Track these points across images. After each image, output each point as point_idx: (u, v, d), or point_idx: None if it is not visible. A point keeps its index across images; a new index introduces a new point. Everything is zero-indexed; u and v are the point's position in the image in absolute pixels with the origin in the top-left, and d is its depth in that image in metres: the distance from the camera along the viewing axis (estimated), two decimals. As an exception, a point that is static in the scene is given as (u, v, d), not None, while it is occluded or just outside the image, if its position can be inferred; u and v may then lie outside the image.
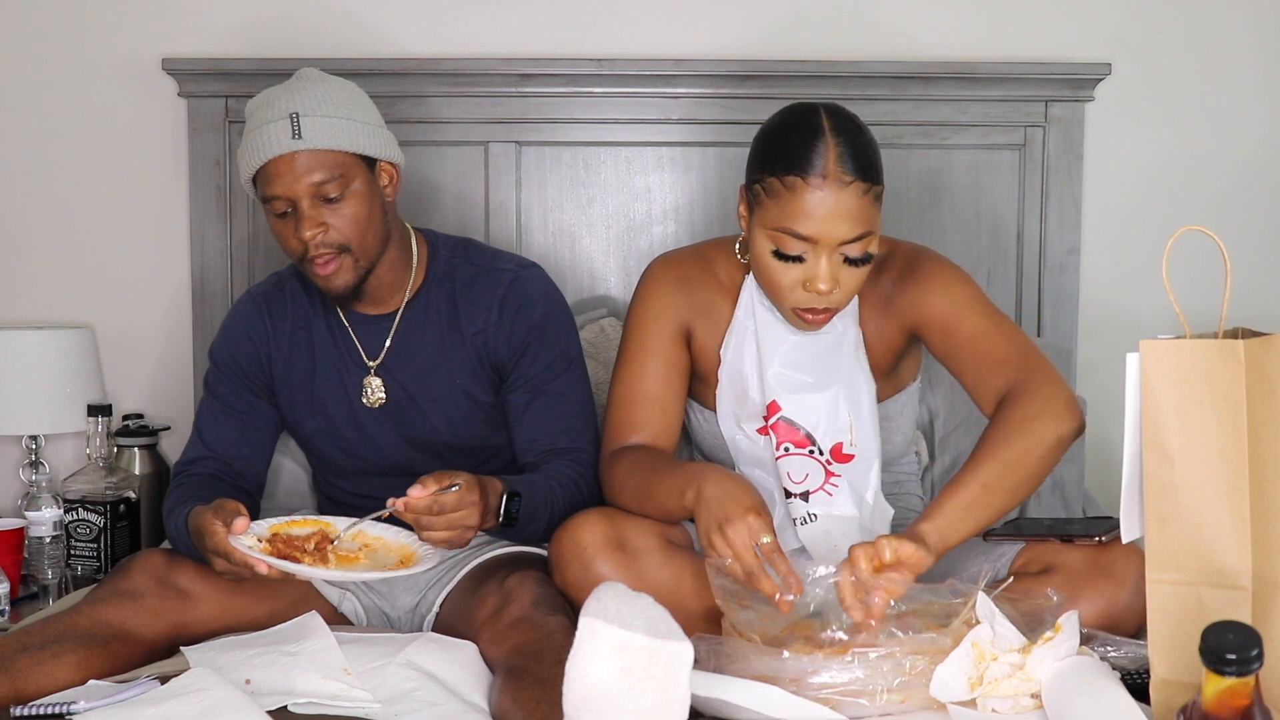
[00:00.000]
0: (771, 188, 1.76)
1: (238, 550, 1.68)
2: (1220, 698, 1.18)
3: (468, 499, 1.71)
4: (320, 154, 1.86)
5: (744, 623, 1.61)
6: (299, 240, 1.88)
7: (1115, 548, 1.71)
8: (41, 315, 2.68)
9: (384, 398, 2.00)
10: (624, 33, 2.67)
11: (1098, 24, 2.69)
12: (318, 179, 1.86)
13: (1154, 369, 1.42)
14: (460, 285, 2.01)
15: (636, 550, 1.77)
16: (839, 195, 1.72)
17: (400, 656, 1.66)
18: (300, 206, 1.87)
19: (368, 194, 1.91)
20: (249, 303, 2.07)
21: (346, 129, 1.89)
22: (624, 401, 1.93)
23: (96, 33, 2.66)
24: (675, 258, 2.01)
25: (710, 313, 1.95)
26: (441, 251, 2.04)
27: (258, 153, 1.87)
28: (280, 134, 1.85)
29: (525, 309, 1.99)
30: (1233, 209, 2.71)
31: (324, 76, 1.95)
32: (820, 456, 1.86)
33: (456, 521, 1.70)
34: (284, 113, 1.86)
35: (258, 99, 1.93)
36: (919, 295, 1.88)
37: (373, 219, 1.92)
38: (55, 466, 2.62)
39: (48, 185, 2.69)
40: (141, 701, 1.51)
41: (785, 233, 1.75)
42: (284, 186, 1.86)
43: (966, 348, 1.84)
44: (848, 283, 1.78)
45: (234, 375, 2.03)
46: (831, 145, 1.73)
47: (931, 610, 1.61)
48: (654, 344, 1.93)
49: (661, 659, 1.30)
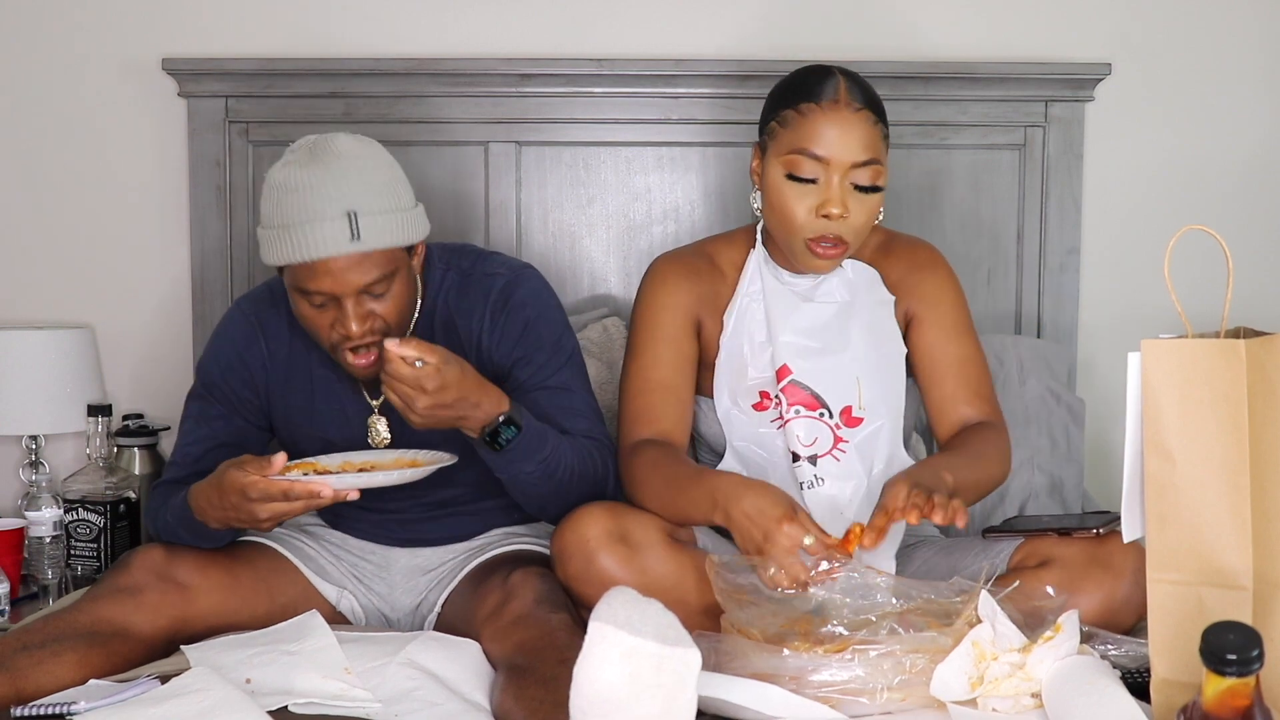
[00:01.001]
0: (786, 118, 1.88)
1: (298, 483, 1.66)
2: (1220, 698, 1.18)
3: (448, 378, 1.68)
4: (376, 254, 1.75)
5: (744, 620, 1.61)
6: (340, 334, 1.78)
7: (1113, 540, 1.72)
8: (41, 315, 2.68)
9: (389, 438, 1.93)
10: (624, 33, 2.67)
11: (1098, 24, 2.69)
12: (371, 279, 1.75)
13: (1155, 368, 1.42)
14: (452, 295, 1.95)
15: (639, 544, 1.77)
16: (850, 119, 1.84)
17: (401, 655, 1.66)
18: (345, 303, 1.76)
19: (408, 278, 1.83)
20: (241, 320, 1.98)
21: (401, 224, 1.79)
22: (639, 391, 1.94)
23: (96, 33, 2.66)
24: (677, 253, 2.06)
25: (715, 302, 1.99)
26: (436, 268, 1.96)
27: (307, 249, 1.72)
28: (338, 236, 1.72)
29: (516, 312, 1.93)
30: (1233, 209, 2.71)
31: (359, 153, 1.80)
32: (829, 420, 1.89)
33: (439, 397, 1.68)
34: (339, 210, 1.72)
35: (293, 178, 1.75)
36: (925, 292, 1.98)
37: (411, 299, 1.85)
38: (55, 466, 2.62)
39: (48, 185, 2.69)
40: (141, 701, 1.51)
41: (800, 153, 1.85)
42: (332, 285, 1.74)
43: (953, 368, 1.95)
44: (858, 212, 1.85)
45: (225, 399, 1.96)
46: (841, 79, 1.88)
47: (933, 609, 1.61)
48: (665, 333, 1.96)
49: (670, 666, 1.30)
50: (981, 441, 1.88)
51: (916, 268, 2.00)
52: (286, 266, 1.78)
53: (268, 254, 1.79)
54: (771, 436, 1.92)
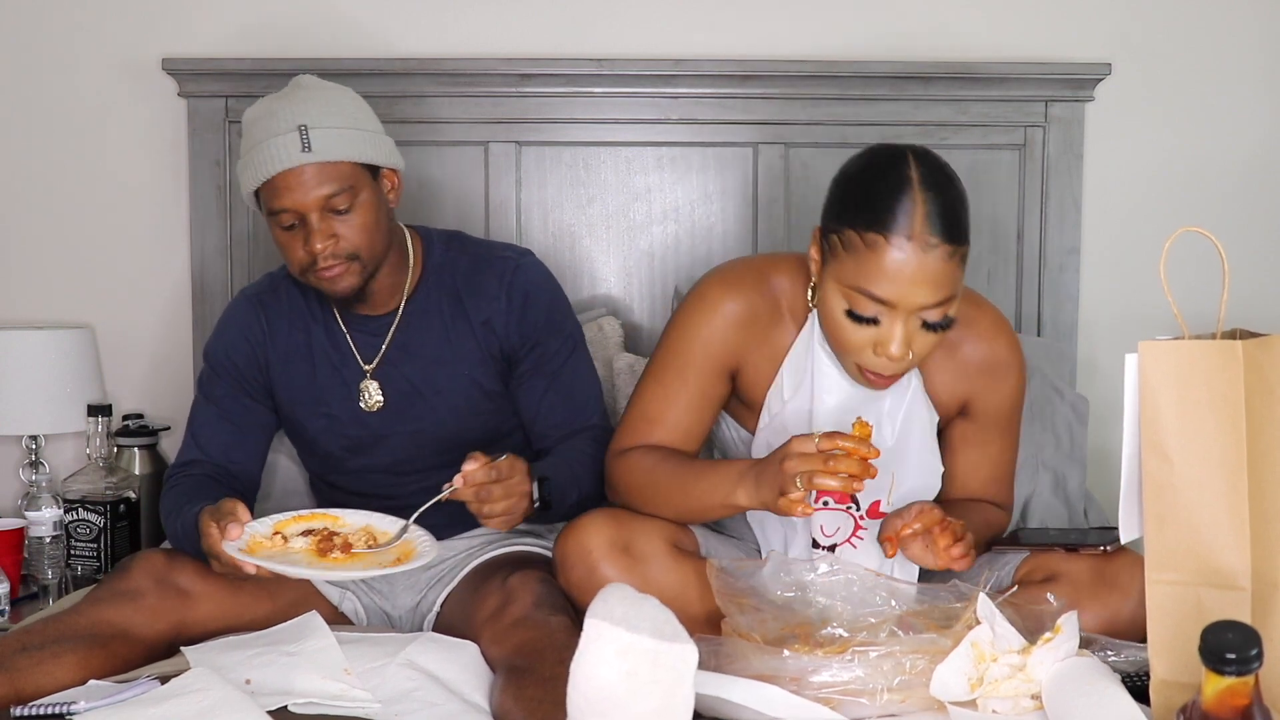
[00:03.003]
0: (850, 241, 1.64)
1: (225, 553, 1.70)
2: (1220, 697, 1.18)
3: (518, 465, 1.73)
4: (330, 166, 1.84)
5: (745, 625, 1.61)
6: (308, 252, 1.86)
7: (1120, 558, 1.71)
8: (41, 315, 2.68)
9: (381, 401, 1.99)
10: (624, 33, 2.67)
11: (1098, 24, 2.69)
12: (328, 191, 1.84)
13: (1153, 369, 1.42)
14: (461, 276, 2.01)
15: (642, 554, 1.76)
16: (923, 259, 1.59)
17: (400, 656, 1.66)
18: (309, 219, 1.85)
19: (375, 203, 1.90)
20: (245, 303, 2.06)
21: (355, 139, 1.87)
22: (646, 418, 1.86)
23: (96, 33, 2.66)
24: (736, 281, 1.83)
25: (767, 345, 1.82)
26: (436, 245, 2.04)
27: (264, 166, 1.84)
28: (289, 147, 1.83)
29: (533, 296, 2.00)
30: (1232, 209, 2.71)
31: (323, 84, 1.93)
32: (856, 513, 1.82)
33: (514, 488, 1.72)
34: (291, 125, 1.83)
35: (258, 109, 1.90)
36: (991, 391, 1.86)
37: (379, 226, 1.91)
38: (55, 466, 2.62)
39: (48, 185, 2.69)
40: (141, 701, 1.51)
41: (861, 293, 1.63)
42: (293, 200, 1.84)
43: (987, 461, 1.89)
44: (921, 349, 1.67)
45: (230, 378, 2.02)
46: (920, 202, 1.60)
47: (933, 613, 1.61)
48: (693, 375, 1.82)
49: (666, 662, 1.30)
50: (987, 518, 1.86)
51: (989, 370, 1.84)
52: (260, 194, 1.88)
53: (242, 186, 1.89)
54: None
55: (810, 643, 1.56)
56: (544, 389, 2.01)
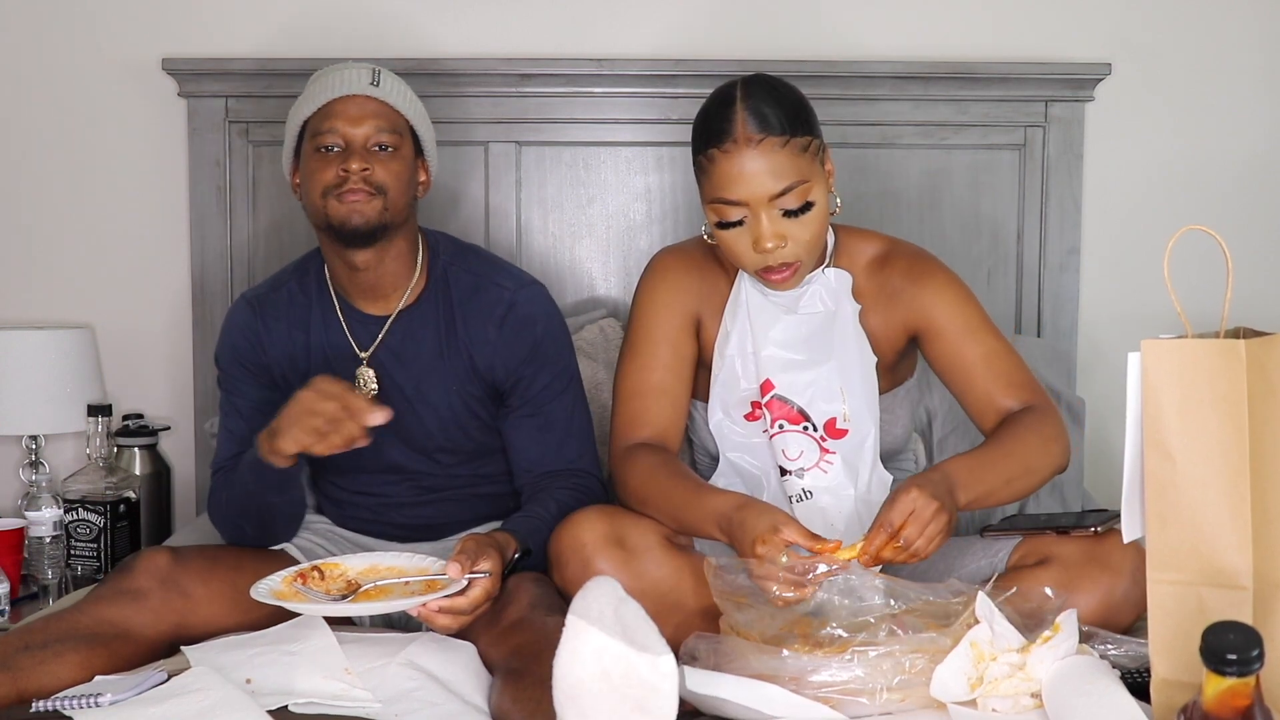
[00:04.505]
0: (701, 165, 1.83)
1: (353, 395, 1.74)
2: (1221, 698, 1.18)
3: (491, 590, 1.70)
4: (390, 110, 1.94)
5: (742, 623, 1.61)
6: (340, 172, 1.90)
7: (1111, 538, 1.71)
8: (41, 315, 2.68)
9: (375, 389, 1.99)
10: (624, 33, 2.67)
11: (1098, 24, 2.69)
12: (379, 126, 1.92)
13: (1155, 368, 1.42)
14: (458, 295, 2.00)
15: (636, 548, 1.77)
16: (751, 154, 1.77)
17: (401, 656, 1.66)
18: (354, 146, 1.91)
19: (410, 167, 1.97)
20: (243, 306, 2.06)
21: (418, 107, 2.00)
22: (633, 394, 1.92)
23: (96, 33, 2.66)
24: (681, 247, 2.03)
25: (717, 300, 1.95)
26: (442, 256, 2.03)
27: (330, 90, 1.92)
28: (360, 78, 1.93)
29: (525, 328, 1.98)
30: (1233, 209, 2.72)
31: None
32: (814, 433, 1.88)
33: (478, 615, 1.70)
34: (365, 67, 1.96)
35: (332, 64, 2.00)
36: (929, 302, 1.91)
37: (410, 186, 1.97)
38: (55, 466, 2.62)
39: (48, 185, 2.69)
40: (141, 701, 1.51)
41: (720, 202, 1.80)
42: (347, 123, 1.91)
43: (979, 366, 1.88)
44: (797, 234, 1.80)
45: (243, 373, 2.03)
46: (740, 110, 1.79)
47: (931, 610, 1.60)
48: (663, 333, 1.93)
49: (638, 674, 1.29)
50: (1015, 434, 1.81)
51: (913, 280, 1.92)
52: (308, 123, 1.93)
53: (295, 114, 1.96)
54: (763, 448, 1.92)
55: (810, 642, 1.56)
56: (525, 425, 1.99)
